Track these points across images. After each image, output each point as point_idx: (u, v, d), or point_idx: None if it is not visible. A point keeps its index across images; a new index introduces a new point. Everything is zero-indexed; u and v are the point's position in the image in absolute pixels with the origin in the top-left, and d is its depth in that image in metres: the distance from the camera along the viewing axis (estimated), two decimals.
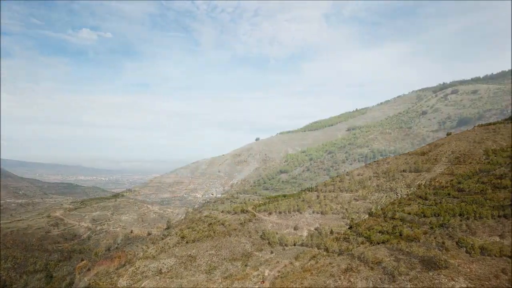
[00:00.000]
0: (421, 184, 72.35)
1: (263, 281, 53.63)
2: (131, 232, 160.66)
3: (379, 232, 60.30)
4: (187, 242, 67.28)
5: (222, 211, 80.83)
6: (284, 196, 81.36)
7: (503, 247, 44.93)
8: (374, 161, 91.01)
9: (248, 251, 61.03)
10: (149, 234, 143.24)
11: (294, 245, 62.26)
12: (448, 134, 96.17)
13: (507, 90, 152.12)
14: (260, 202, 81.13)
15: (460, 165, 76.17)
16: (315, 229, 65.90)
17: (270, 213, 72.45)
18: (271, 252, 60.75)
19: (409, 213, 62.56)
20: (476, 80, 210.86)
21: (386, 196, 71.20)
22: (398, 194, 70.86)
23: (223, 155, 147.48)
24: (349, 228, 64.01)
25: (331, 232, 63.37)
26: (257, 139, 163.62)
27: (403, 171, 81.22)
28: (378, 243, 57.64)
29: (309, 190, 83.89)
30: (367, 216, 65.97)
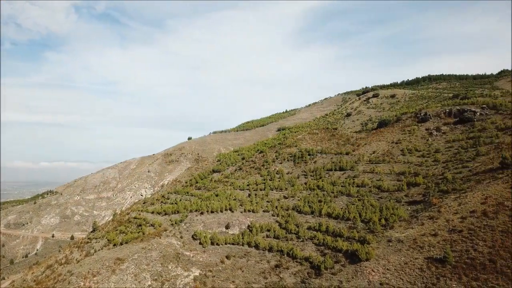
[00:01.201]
0: (345, 182, 76.60)
1: (194, 281, 53.29)
2: (53, 236, 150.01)
3: (308, 228, 62.92)
4: (114, 245, 64.56)
5: (152, 212, 78.70)
6: (216, 195, 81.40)
7: (416, 238, 49.27)
8: (303, 160, 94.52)
9: (179, 251, 60.21)
10: (72, 238, 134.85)
11: (226, 243, 62.64)
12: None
13: (420, 95, 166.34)
14: (192, 202, 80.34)
15: (379, 164, 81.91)
16: (247, 227, 66.88)
17: (202, 213, 72.08)
18: (203, 252, 60.57)
19: (334, 210, 66.02)
20: (394, 85, 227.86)
21: (313, 194, 74.31)
22: (324, 192, 74.32)
23: (154, 154, 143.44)
24: (278, 225, 65.88)
25: (262, 230, 64.77)
26: (189, 138, 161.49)
27: (329, 169, 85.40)
28: (307, 239, 60.16)
29: (240, 189, 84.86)
30: (295, 213, 68.37)
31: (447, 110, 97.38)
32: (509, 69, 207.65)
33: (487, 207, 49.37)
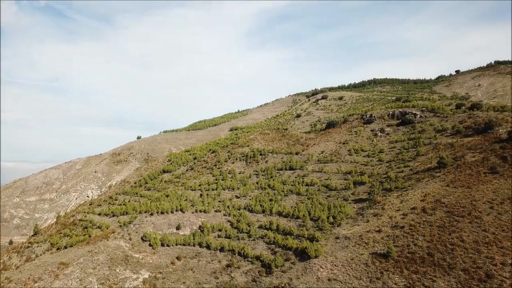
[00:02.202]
0: (295, 181, 78.35)
1: (143, 284, 52.14)
2: None
3: (259, 227, 63.67)
4: (58, 249, 61.51)
5: (99, 214, 75.81)
6: (167, 196, 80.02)
7: (362, 235, 51.56)
8: (255, 160, 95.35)
9: (128, 254, 58.59)
10: (11, 242, 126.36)
11: (177, 244, 61.83)
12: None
13: (365, 98, 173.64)
14: (142, 203, 78.41)
15: (328, 163, 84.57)
16: (198, 227, 66.42)
17: (151, 214, 70.56)
18: (153, 253, 59.40)
19: (285, 208, 67.31)
20: (342, 88, 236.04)
21: (264, 194, 75.30)
22: (275, 191, 75.54)
23: (101, 154, 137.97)
24: (230, 224, 66.09)
25: (213, 230, 64.65)
26: (138, 138, 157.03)
27: (280, 169, 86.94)
28: (258, 238, 60.86)
29: (192, 189, 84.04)
30: (247, 212, 68.92)
31: (391, 112, 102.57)
32: (446, 74, 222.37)
33: (426, 204, 52.75)
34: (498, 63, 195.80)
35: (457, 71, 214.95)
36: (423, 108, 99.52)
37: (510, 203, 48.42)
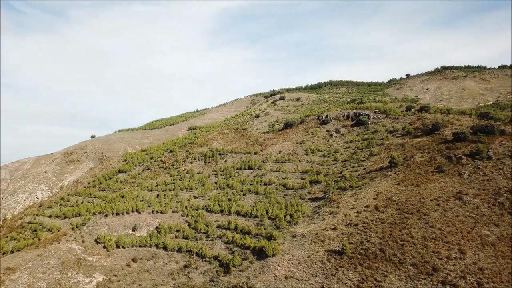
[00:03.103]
0: (254, 180, 78.87)
1: (97, 287, 50.56)
2: None
3: (217, 227, 63.59)
4: (4, 254, 58.11)
5: (50, 216, 72.44)
6: (122, 196, 77.87)
7: (318, 233, 52.88)
8: (213, 160, 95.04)
9: (80, 257, 56.50)
10: None
11: (133, 246, 60.39)
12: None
13: (322, 99, 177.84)
14: (96, 204, 75.80)
15: (285, 163, 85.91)
16: (155, 228, 65.25)
17: (106, 215, 68.44)
18: (107, 256, 57.68)
19: (243, 208, 67.69)
20: (299, 89, 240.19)
21: (223, 193, 75.27)
22: (234, 190, 75.76)
23: (52, 153, 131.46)
24: (188, 225, 65.49)
25: (171, 231, 63.78)
26: (92, 137, 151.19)
27: (239, 169, 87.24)
28: (216, 238, 60.77)
29: (148, 190, 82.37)
30: (205, 212, 68.59)
31: (346, 114, 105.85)
32: (397, 78, 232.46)
33: (379, 202, 55.02)
34: (444, 68, 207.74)
35: (407, 75, 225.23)
36: (376, 110, 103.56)
37: (454, 200, 51.62)
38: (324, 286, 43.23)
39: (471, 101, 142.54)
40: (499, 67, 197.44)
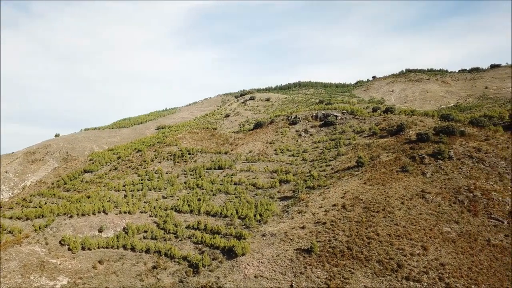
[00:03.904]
0: (224, 180, 78.78)
1: None
2: None
3: (186, 227, 63.10)
4: None
5: (11, 217, 69.46)
6: (88, 197, 75.82)
7: (287, 231, 53.50)
8: (183, 159, 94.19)
9: (44, 259, 54.62)
10: None
11: (99, 248, 58.93)
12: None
13: (291, 99, 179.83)
14: (60, 204, 73.43)
15: (255, 162, 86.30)
16: (122, 229, 63.95)
17: (71, 216, 66.40)
18: (72, 258, 56.03)
19: (213, 208, 67.49)
20: (269, 89, 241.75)
21: (193, 193, 74.75)
22: (204, 190, 75.39)
23: (13, 153, 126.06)
24: (156, 225, 64.63)
25: (139, 231, 62.75)
26: (57, 135, 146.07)
27: (209, 168, 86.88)
28: (185, 238, 60.30)
29: (115, 190, 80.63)
30: (174, 212, 67.91)
31: (314, 114, 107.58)
32: (364, 80, 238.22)
33: (346, 201, 56.32)
34: (408, 71, 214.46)
35: (374, 77, 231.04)
36: (344, 111, 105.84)
37: (418, 199, 53.61)
38: (293, 284, 43.85)
39: (433, 103, 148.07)
40: (459, 70, 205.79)
